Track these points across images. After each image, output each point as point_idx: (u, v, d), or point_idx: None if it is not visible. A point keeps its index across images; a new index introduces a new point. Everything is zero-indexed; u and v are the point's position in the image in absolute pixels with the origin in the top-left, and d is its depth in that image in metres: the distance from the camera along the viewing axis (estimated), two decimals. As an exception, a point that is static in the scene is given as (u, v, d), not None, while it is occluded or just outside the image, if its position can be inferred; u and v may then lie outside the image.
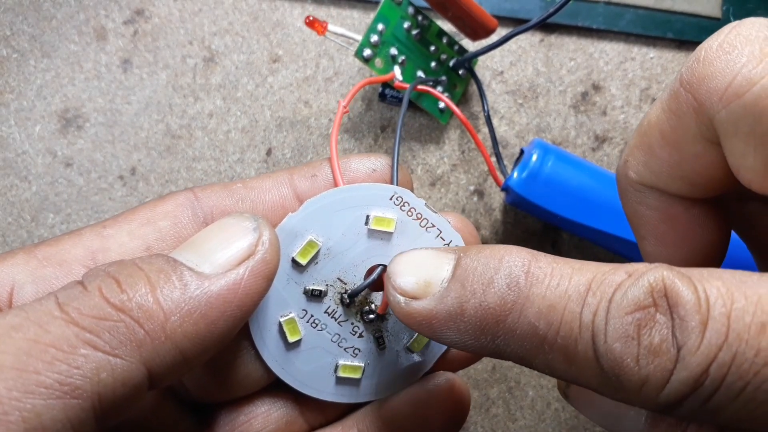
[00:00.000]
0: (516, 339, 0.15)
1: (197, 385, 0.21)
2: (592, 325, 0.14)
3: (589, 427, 0.29)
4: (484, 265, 0.16)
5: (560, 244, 0.29)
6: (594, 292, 0.15)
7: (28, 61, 0.29)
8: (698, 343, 0.13)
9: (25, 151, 0.28)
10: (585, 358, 0.14)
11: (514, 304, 0.15)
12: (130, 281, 0.16)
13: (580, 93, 0.30)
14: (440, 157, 0.29)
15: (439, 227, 0.21)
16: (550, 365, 0.15)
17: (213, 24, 0.29)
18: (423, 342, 0.21)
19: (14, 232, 0.28)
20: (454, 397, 0.21)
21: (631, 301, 0.14)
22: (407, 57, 0.28)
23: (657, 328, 0.14)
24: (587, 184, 0.25)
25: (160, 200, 0.20)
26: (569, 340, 0.15)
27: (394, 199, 0.20)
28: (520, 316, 0.15)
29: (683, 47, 0.30)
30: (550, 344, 0.15)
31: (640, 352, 0.14)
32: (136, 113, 0.29)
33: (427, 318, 0.16)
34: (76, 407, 0.14)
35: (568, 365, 0.15)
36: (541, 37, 0.30)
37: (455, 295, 0.16)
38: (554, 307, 0.15)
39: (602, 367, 0.14)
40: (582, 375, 0.15)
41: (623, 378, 0.14)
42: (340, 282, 0.20)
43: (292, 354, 0.21)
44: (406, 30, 0.27)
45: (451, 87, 0.29)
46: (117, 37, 0.29)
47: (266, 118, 0.29)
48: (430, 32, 0.28)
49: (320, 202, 0.20)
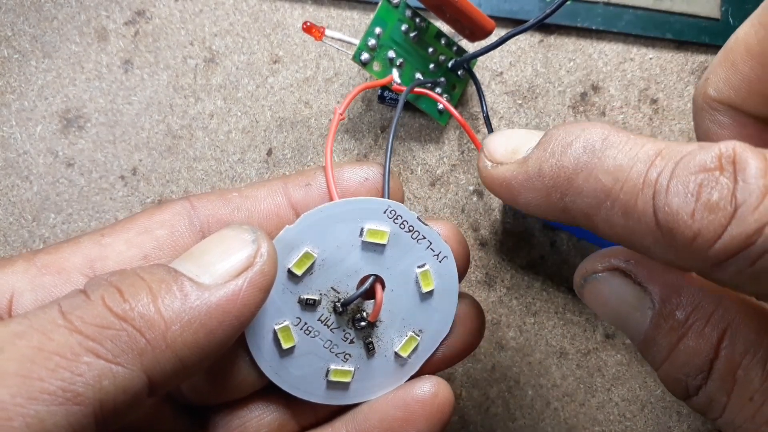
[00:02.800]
0: (583, 195, 0.16)
1: (193, 389, 0.22)
2: (655, 183, 0.15)
3: (588, 427, 0.29)
4: (567, 132, 0.17)
5: (559, 244, 0.29)
6: (663, 156, 0.15)
7: (30, 62, 0.29)
8: (757, 204, 0.14)
9: (26, 151, 0.29)
10: (643, 212, 0.15)
11: (587, 164, 0.16)
12: (132, 291, 0.16)
13: (579, 93, 0.30)
14: (440, 158, 0.29)
15: (429, 239, 0.22)
16: (609, 221, 0.16)
17: (214, 25, 0.29)
18: (410, 347, 0.22)
19: (15, 232, 0.28)
20: (438, 401, 0.22)
21: (698, 163, 0.15)
22: (405, 59, 0.28)
23: (718, 188, 0.14)
24: None
25: (157, 209, 0.21)
26: (631, 195, 0.15)
27: (387, 212, 0.21)
28: (590, 174, 0.16)
29: (682, 48, 0.30)
30: (613, 199, 0.16)
31: (697, 207, 0.15)
32: (137, 113, 0.29)
33: (507, 180, 0.18)
34: (78, 413, 0.14)
35: (626, 220, 0.16)
36: (540, 37, 0.30)
37: (536, 157, 0.17)
38: (622, 166, 0.16)
39: (658, 222, 0.15)
40: (637, 230, 0.15)
41: (677, 232, 0.15)
42: (334, 291, 0.21)
43: (286, 360, 0.21)
44: (403, 33, 0.27)
45: (450, 88, 0.29)
46: (118, 37, 0.29)
47: (267, 119, 0.29)
48: (428, 34, 0.28)
49: (317, 215, 0.21)
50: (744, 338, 0.18)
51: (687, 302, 0.18)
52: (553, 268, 0.29)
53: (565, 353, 0.29)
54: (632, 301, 0.19)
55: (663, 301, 0.19)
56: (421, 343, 0.22)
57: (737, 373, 0.17)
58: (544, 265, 0.29)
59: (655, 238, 0.15)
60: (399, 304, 0.22)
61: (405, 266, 0.22)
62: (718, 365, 0.18)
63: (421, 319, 0.22)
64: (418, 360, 0.23)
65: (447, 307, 0.22)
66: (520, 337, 0.29)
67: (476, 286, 0.29)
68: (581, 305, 0.29)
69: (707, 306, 0.18)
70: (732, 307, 0.18)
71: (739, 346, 0.17)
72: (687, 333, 0.18)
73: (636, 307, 0.19)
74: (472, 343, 0.24)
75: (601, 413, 0.29)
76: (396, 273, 0.22)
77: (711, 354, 0.18)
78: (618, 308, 0.19)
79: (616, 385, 0.29)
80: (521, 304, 0.29)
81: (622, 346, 0.29)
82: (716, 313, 0.18)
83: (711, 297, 0.18)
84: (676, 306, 0.18)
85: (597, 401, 0.29)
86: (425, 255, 0.22)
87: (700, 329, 0.18)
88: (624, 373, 0.29)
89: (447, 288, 0.22)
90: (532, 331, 0.29)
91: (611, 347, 0.29)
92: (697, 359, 0.18)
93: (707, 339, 0.18)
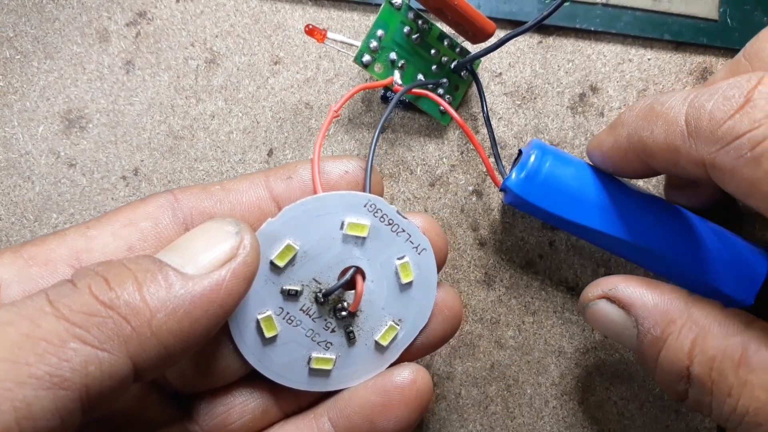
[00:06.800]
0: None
1: (178, 376, 0.22)
2: (692, 98, 0.20)
3: (587, 425, 0.29)
4: (631, 107, 0.23)
5: (557, 243, 0.29)
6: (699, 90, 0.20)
7: (31, 63, 0.29)
8: (767, 101, 0.18)
9: (28, 151, 0.29)
10: (676, 119, 0.20)
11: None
12: (119, 280, 0.16)
13: (578, 94, 0.30)
14: (439, 158, 0.30)
15: (408, 232, 0.22)
16: (655, 137, 0.21)
17: (215, 26, 0.29)
18: (390, 336, 0.23)
19: (17, 232, 0.29)
20: (417, 387, 0.23)
21: (730, 81, 0.19)
22: (407, 61, 0.28)
23: (737, 87, 0.18)
24: (586, 184, 0.25)
25: (141, 202, 0.21)
26: (671, 112, 0.20)
27: (368, 206, 0.22)
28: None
29: (680, 49, 0.30)
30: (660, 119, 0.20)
31: (716, 99, 0.18)
32: (139, 114, 0.29)
33: (601, 140, 0.25)
34: (65, 398, 0.15)
35: (667, 132, 0.20)
36: (539, 38, 0.30)
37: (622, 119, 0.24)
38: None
39: (686, 118, 0.19)
40: (671, 132, 0.20)
41: (697, 119, 0.19)
42: (315, 282, 0.22)
43: (269, 348, 0.22)
44: (405, 35, 0.28)
45: (453, 89, 0.29)
46: (119, 38, 0.29)
47: (267, 119, 0.29)
48: (431, 36, 0.28)
49: (298, 208, 0.21)
50: (712, 343, 0.20)
51: (661, 319, 0.21)
52: (551, 267, 0.29)
53: (564, 352, 0.29)
54: (620, 322, 0.22)
55: (641, 320, 0.21)
56: (400, 332, 0.23)
57: (711, 375, 0.19)
58: (543, 264, 0.29)
59: (682, 136, 0.19)
60: (379, 295, 0.22)
61: (385, 258, 0.22)
62: (694, 370, 0.20)
63: (401, 309, 0.23)
64: (398, 348, 0.23)
65: (426, 297, 0.23)
66: (519, 336, 0.29)
67: (475, 285, 0.29)
68: (580, 304, 0.29)
69: (678, 320, 0.20)
70: (700, 316, 0.20)
71: (709, 350, 0.19)
72: (663, 346, 0.20)
73: (625, 327, 0.22)
74: (449, 331, 0.24)
75: (600, 412, 0.29)
76: (376, 264, 0.22)
77: (686, 362, 0.20)
78: (612, 329, 0.22)
79: (614, 383, 0.29)
80: (520, 304, 0.29)
81: (620, 346, 0.29)
82: (686, 326, 0.20)
83: (681, 310, 0.21)
84: (652, 324, 0.21)
85: (596, 400, 0.29)
86: (405, 247, 0.22)
87: (672, 342, 0.20)
88: (622, 371, 0.29)
89: (426, 279, 0.23)
90: (531, 330, 0.29)
91: (610, 346, 0.29)
92: (675, 368, 0.20)
93: (680, 349, 0.20)
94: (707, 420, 0.29)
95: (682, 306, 0.21)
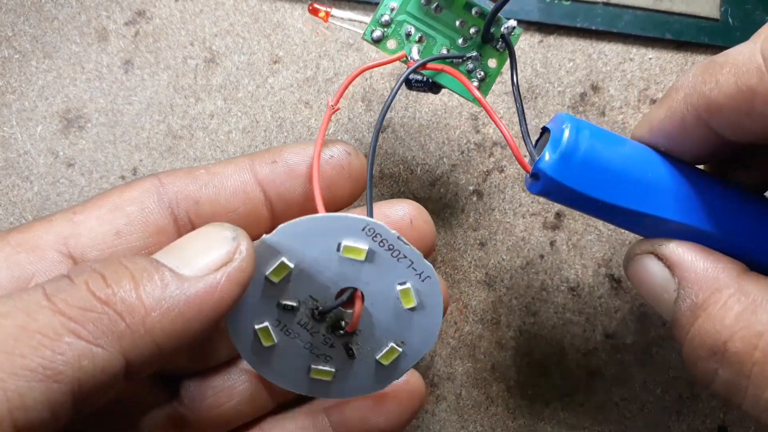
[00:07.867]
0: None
1: None
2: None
3: (587, 426, 0.29)
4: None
5: (558, 243, 0.29)
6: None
7: (30, 62, 0.29)
8: None
9: (26, 151, 0.29)
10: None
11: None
12: (115, 277, 0.17)
13: (579, 94, 0.30)
14: (440, 158, 0.30)
15: (410, 258, 0.21)
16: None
17: (214, 25, 0.29)
18: (392, 356, 0.22)
19: (16, 232, 0.29)
20: (409, 387, 0.23)
21: None
22: (425, 34, 0.24)
23: None
24: (633, 162, 0.21)
25: (127, 186, 0.22)
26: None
27: (366, 230, 0.21)
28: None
29: (681, 48, 0.30)
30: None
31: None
32: (138, 114, 0.29)
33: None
34: (57, 391, 0.15)
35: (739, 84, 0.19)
36: (540, 38, 0.30)
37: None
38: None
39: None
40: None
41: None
42: (312, 299, 0.22)
43: (267, 355, 0.22)
44: (423, 4, 0.24)
45: (486, 64, 0.25)
46: (118, 38, 0.29)
47: (267, 119, 0.29)
48: (456, 5, 0.24)
49: (293, 228, 0.21)
50: (763, 318, 0.18)
51: (707, 285, 0.19)
52: (552, 267, 0.29)
53: (565, 353, 0.29)
54: (661, 282, 0.20)
55: (685, 282, 0.19)
56: (403, 354, 0.22)
57: (755, 354, 0.17)
58: (544, 264, 0.29)
59: (758, 73, 0.17)
60: (379, 317, 0.22)
61: (385, 283, 0.21)
62: (733, 346, 0.18)
63: (403, 333, 0.22)
64: (401, 369, 0.23)
65: (431, 323, 0.22)
66: (519, 336, 0.29)
67: (476, 285, 0.29)
68: (581, 305, 0.29)
69: (726, 290, 0.19)
70: (753, 289, 0.18)
71: (756, 325, 0.17)
72: (702, 315, 0.19)
73: (665, 288, 0.20)
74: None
75: (601, 413, 0.29)
76: (375, 288, 0.22)
77: (725, 335, 0.18)
78: (650, 288, 0.21)
79: (615, 384, 0.29)
80: (521, 304, 0.29)
81: (621, 346, 0.29)
82: (734, 297, 0.18)
83: (732, 280, 0.19)
84: (696, 289, 0.19)
85: (597, 401, 0.29)
86: (406, 273, 0.21)
87: (714, 311, 0.18)
88: (623, 373, 0.29)
89: (430, 305, 0.22)
90: (532, 331, 0.29)
91: (611, 347, 0.29)
92: (710, 341, 0.18)
93: (721, 320, 0.18)
94: (709, 421, 0.29)
95: (734, 276, 0.19)
